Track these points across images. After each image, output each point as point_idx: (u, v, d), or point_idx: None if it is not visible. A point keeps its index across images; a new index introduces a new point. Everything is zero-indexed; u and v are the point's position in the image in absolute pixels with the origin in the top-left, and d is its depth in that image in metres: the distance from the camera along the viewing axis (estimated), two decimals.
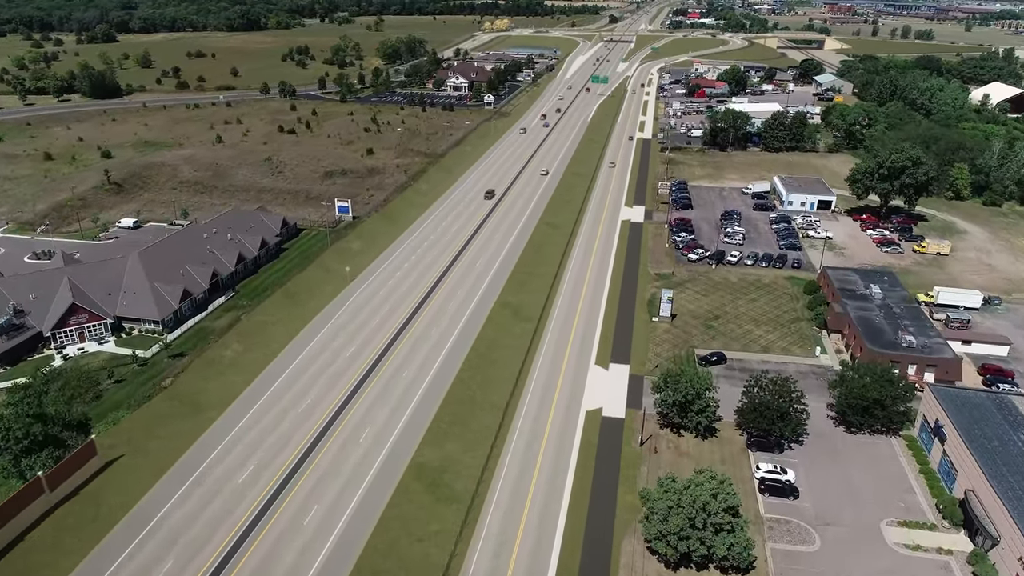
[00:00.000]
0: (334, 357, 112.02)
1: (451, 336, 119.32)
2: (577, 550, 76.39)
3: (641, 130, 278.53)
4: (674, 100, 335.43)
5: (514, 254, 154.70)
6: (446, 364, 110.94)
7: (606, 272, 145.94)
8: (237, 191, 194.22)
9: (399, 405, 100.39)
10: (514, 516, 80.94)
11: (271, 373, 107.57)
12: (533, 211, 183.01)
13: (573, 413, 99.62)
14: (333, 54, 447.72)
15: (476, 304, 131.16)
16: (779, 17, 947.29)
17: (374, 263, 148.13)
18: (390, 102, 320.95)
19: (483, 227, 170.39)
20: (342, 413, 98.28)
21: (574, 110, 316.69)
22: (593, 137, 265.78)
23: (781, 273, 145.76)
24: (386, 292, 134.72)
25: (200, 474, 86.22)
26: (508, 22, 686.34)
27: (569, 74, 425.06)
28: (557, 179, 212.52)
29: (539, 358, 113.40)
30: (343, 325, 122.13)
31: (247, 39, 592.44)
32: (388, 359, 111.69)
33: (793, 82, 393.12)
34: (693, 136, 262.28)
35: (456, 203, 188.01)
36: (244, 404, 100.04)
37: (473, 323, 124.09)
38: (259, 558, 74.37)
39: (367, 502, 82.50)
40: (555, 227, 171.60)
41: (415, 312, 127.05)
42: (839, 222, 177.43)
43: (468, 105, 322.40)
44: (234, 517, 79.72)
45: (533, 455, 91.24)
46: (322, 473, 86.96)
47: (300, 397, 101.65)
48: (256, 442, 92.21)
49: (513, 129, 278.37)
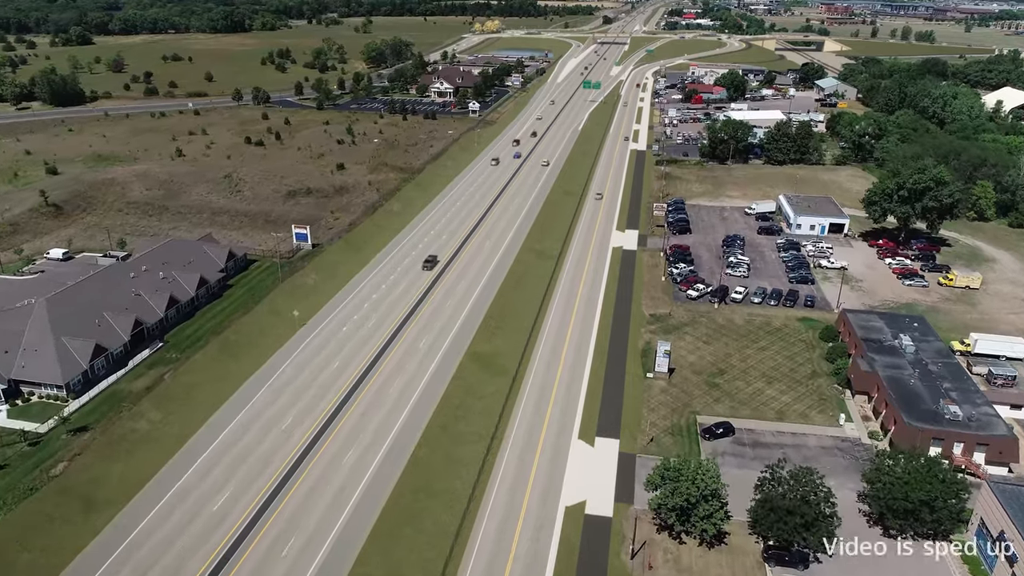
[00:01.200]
0: (267, 430, 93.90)
1: (409, 401, 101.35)
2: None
3: (635, 140, 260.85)
4: (670, 107, 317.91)
5: (491, 289, 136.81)
6: (399, 442, 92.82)
7: (594, 312, 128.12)
8: (189, 213, 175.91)
9: (335, 502, 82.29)
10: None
11: (188, 454, 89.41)
12: (517, 233, 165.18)
13: (551, 509, 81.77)
14: (314, 57, 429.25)
15: (442, 356, 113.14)
16: (776, 17, 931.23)
17: (330, 303, 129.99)
18: (370, 109, 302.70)
19: (460, 254, 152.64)
20: (266, 512, 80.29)
21: (564, 118, 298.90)
22: (585, 148, 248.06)
23: (793, 313, 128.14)
24: (339, 342, 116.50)
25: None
26: (499, 23, 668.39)
27: (561, 77, 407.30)
28: (547, 192, 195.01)
29: (512, 430, 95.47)
30: (283, 386, 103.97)
31: (230, 41, 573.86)
32: (330, 435, 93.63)
33: (794, 87, 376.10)
34: (691, 141, 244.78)
35: (430, 227, 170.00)
36: (149, 498, 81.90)
37: (437, 381, 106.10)
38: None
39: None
40: (540, 255, 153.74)
41: (369, 368, 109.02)
42: (853, 248, 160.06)
43: (452, 112, 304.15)
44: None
45: (499, 569, 73.49)
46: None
47: (217, 489, 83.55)
48: (156, 552, 74.19)
49: (498, 142, 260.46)
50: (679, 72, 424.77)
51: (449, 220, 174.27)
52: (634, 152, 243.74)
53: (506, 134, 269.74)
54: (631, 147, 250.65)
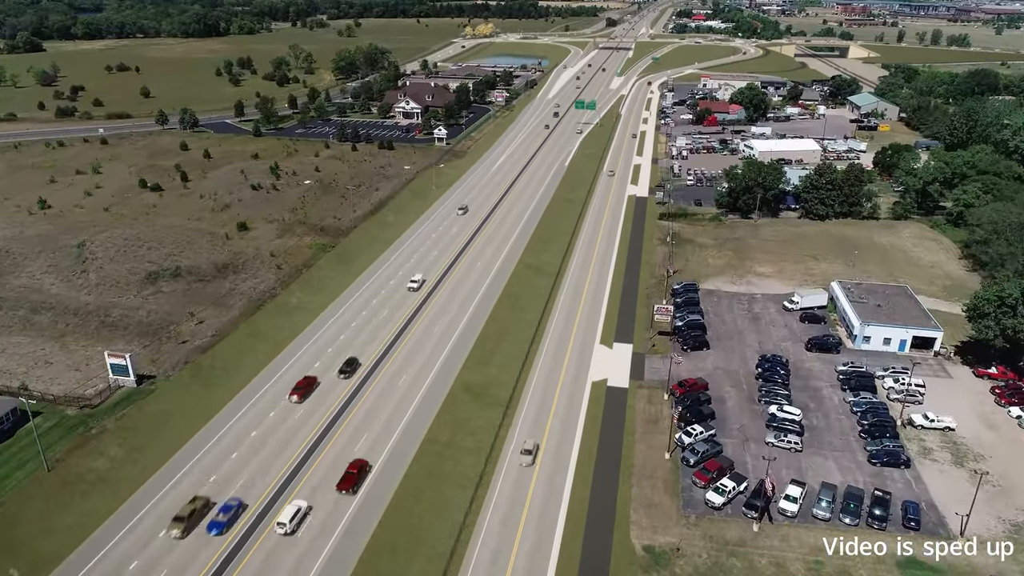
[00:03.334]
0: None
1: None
2: None
3: (635, 180, 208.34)
4: (678, 132, 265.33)
5: (390, 483, 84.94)
6: None
7: (550, 544, 76.16)
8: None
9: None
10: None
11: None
12: (449, 361, 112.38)
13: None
14: (275, 68, 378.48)
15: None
16: (790, 19, 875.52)
17: (123, 509, 78.55)
18: (318, 135, 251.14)
19: (350, 411, 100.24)
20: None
21: (549, 148, 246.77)
22: (570, 194, 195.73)
23: (886, 546, 75.43)
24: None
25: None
26: (492, 27, 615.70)
27: (555, 91, 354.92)
28: (508, 272, 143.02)
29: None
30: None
31: (196, 47, 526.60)
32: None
33: (823, 102, 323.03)
34: (704, 180, 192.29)
35: (335, 334, 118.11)
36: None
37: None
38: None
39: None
40: (479, 398, 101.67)
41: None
42: (952, 378, 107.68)
43: (416, 140, 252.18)
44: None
45: None
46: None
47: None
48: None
49: (463, 184, 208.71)
50: (689, 84, 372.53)
51: (361, 326, 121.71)
52: (632, 200, 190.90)
53: (477, 169, 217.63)
54: (628, 191, 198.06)
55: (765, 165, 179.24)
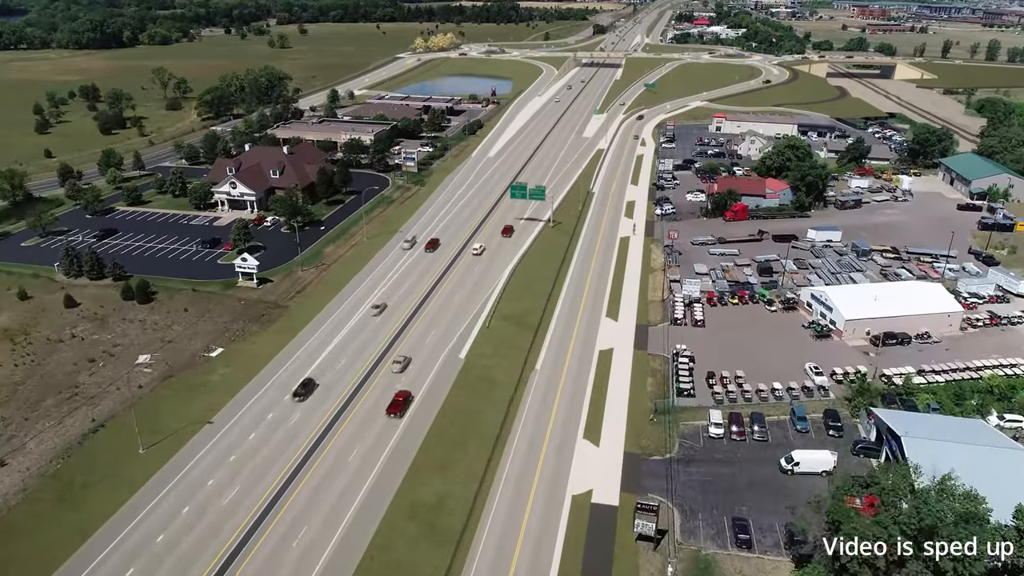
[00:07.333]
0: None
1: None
2: None
3: (602, 390, 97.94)
4: (684, 237, 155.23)
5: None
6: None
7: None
8: None
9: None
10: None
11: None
12: None
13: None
14: (109, 105, 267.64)
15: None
16: (802, 22, 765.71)
17: None
18: (53, 254, 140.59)
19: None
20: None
21: (450, 294, 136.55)
22: (474, 454, 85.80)
23: None
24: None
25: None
26: (451, 38, 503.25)
27: (504, 140, 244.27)
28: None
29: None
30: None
31: (75, 64, 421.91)
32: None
33: (906, 170, 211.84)
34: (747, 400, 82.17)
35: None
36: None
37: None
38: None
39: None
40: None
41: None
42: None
43: (217, 272, 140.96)
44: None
45: None
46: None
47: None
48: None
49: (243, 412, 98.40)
50: (695, 125, 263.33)
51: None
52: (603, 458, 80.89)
53: (274, 377, 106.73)
54: (587, 443, 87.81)
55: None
